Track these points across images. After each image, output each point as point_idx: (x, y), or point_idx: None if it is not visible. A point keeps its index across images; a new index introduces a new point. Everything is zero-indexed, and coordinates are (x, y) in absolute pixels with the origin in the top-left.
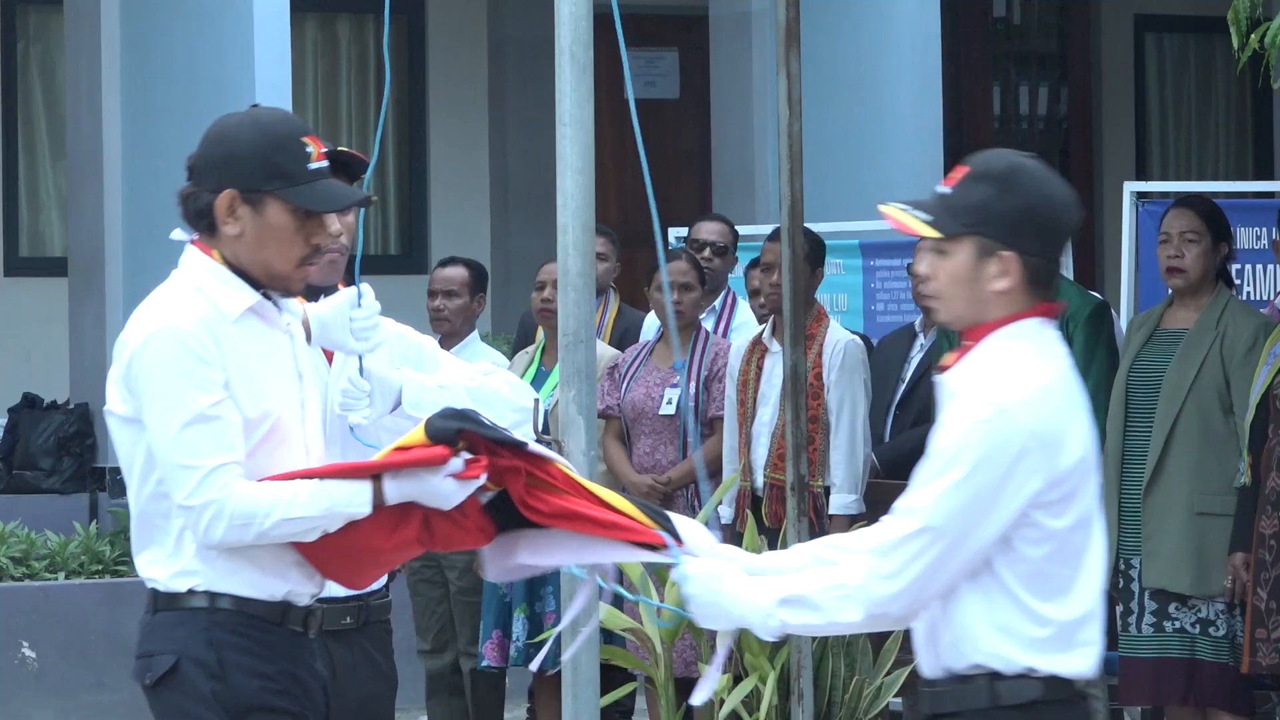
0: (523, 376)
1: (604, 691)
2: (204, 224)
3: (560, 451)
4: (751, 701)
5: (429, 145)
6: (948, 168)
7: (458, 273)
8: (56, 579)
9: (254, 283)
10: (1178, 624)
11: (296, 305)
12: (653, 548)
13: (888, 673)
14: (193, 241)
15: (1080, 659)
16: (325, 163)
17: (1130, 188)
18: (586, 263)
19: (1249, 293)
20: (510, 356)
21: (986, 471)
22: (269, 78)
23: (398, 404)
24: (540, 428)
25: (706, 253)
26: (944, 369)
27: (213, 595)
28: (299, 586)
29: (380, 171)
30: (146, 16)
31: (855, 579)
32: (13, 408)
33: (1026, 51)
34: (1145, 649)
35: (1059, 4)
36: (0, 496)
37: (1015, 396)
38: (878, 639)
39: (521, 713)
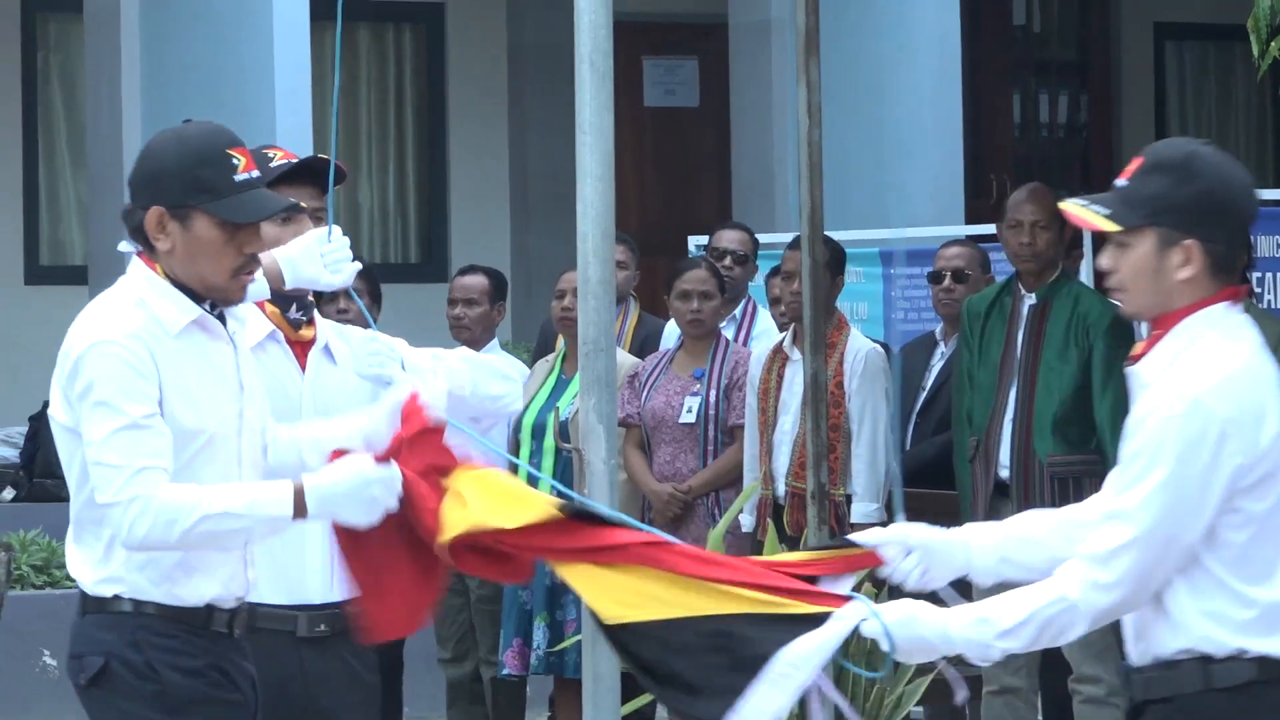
0: (542, 385)
1: (624, 700)
2: (141, 239)
3: (580, 460)
4: None
5: (449, 153)
6: (968, 176)
7: (478, 281)
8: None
9: (196, 295)
10: None
11: (243, 311)
12: (815, 616)
13: (909, 681)
14: (138, 254)
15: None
16: (254, 173)
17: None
18: (606, 271)
19: (1270, 300)
20: (530, 365)
21: (1189, 465)
22: (288, 86)
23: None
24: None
25: (727, 261)
26: (1135, 359)
27: (137, 602)
28: (224, 591)
29: (400, 180)
30: (166, 25)
31: (1074, 592)
32: (33, 416)
33: (1046, 59)
34: None
35: (1079, 11)
36: (21, 505)
37: (1206, 385)
38: None
39: None
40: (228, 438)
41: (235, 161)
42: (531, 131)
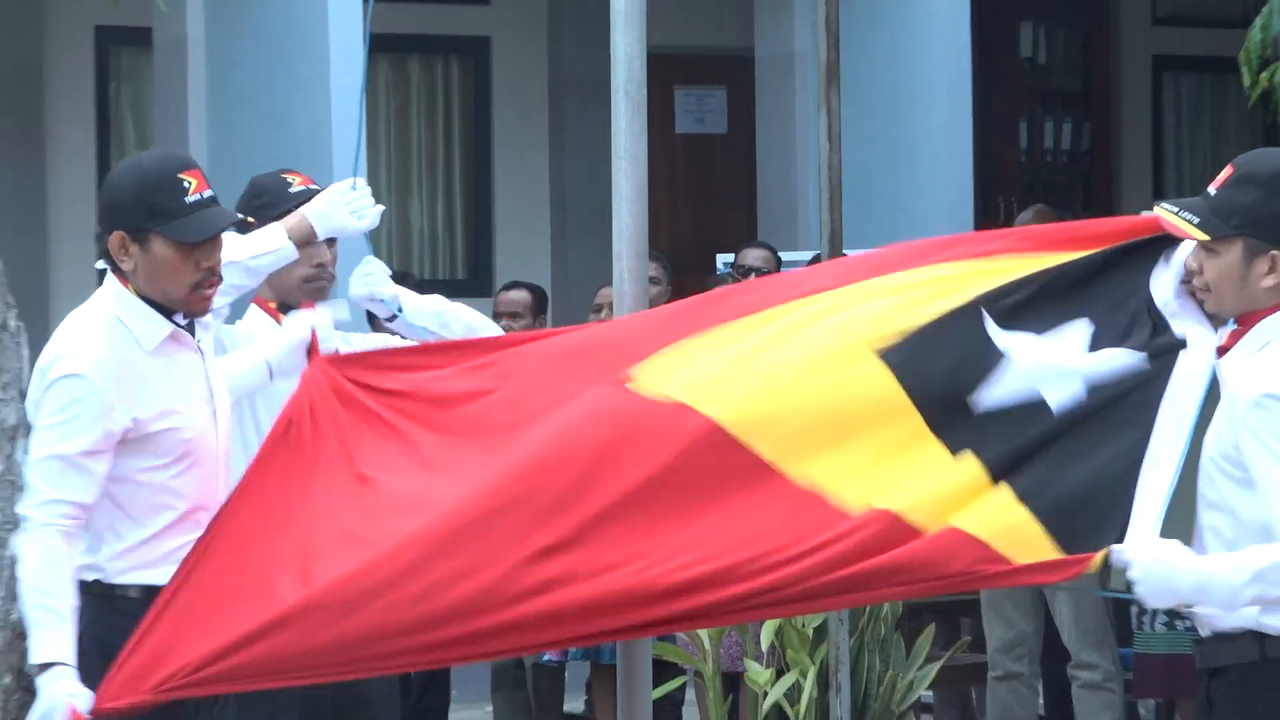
0: None
1: (656, 685)
2: (109, 261)
3: None
4: (793, 694)
5: (494, 176)
6: (978, 198)
7: (521, 296)
8: None
9: (166, 309)
10: (1188, 624)
11: (213, 319)
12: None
13: (920, 667)
14: (112, 271)
15: None
16: (206, 193)
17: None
18: (640, 286)
19: None
20: None
21: None
22: (344, 114)
23: (392, 317)
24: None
25: (752, 277)
26: (1223, 350)
27: (111, 586)
28: None
29: (448, 200)
30: (229, 58)
31: None
32: None
33: (1051, 89)
34: (1159, 646)
35: (1082, 44)
36: None
37: None
38: (910, 636)
39: (579, 704)
40: (206, 439)
41: (186, 184)
42: (570, 156)
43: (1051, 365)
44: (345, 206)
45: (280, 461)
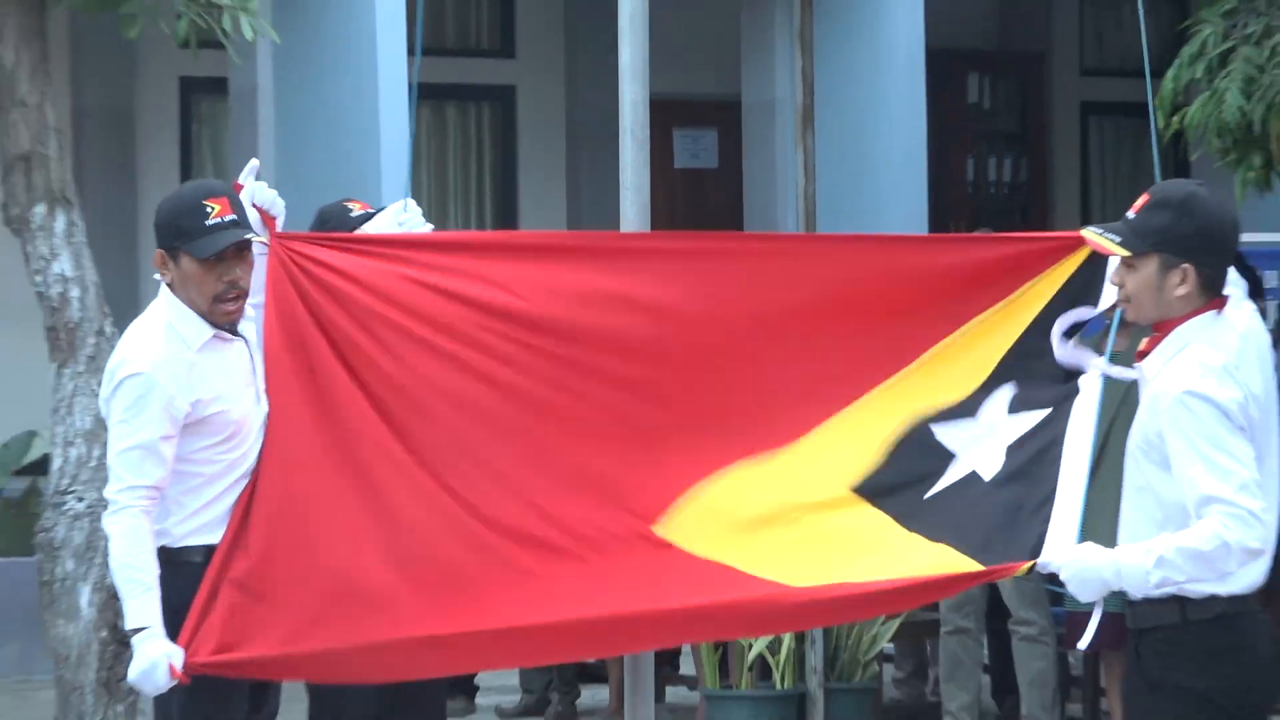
0: None
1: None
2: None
3: None
4: (774, 646)
5: (519, 206)
6: (931, 224)
7: None
8: None
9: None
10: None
11: (249, 316)
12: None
13: (882, 623)
14: (166, 283)
15: (1246, 581)
16: (228, 217)
17: None
18: None
19: None
20: None
21: (1221, 437)
22: (391, 152)
23: None
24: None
25: None
26: (1142, 355)
27: (176, 550)
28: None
29: (479, 226)
30: (294, 105)
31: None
32: None
33: (993, 130)
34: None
35: (1019, 92)
36: None
37: (1207, 383)
38: None
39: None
40: (249, 416)
41: (210, 209)
42: (585, 189)
43: (981, 439)
44: (400, 225)
45: (294, 403)
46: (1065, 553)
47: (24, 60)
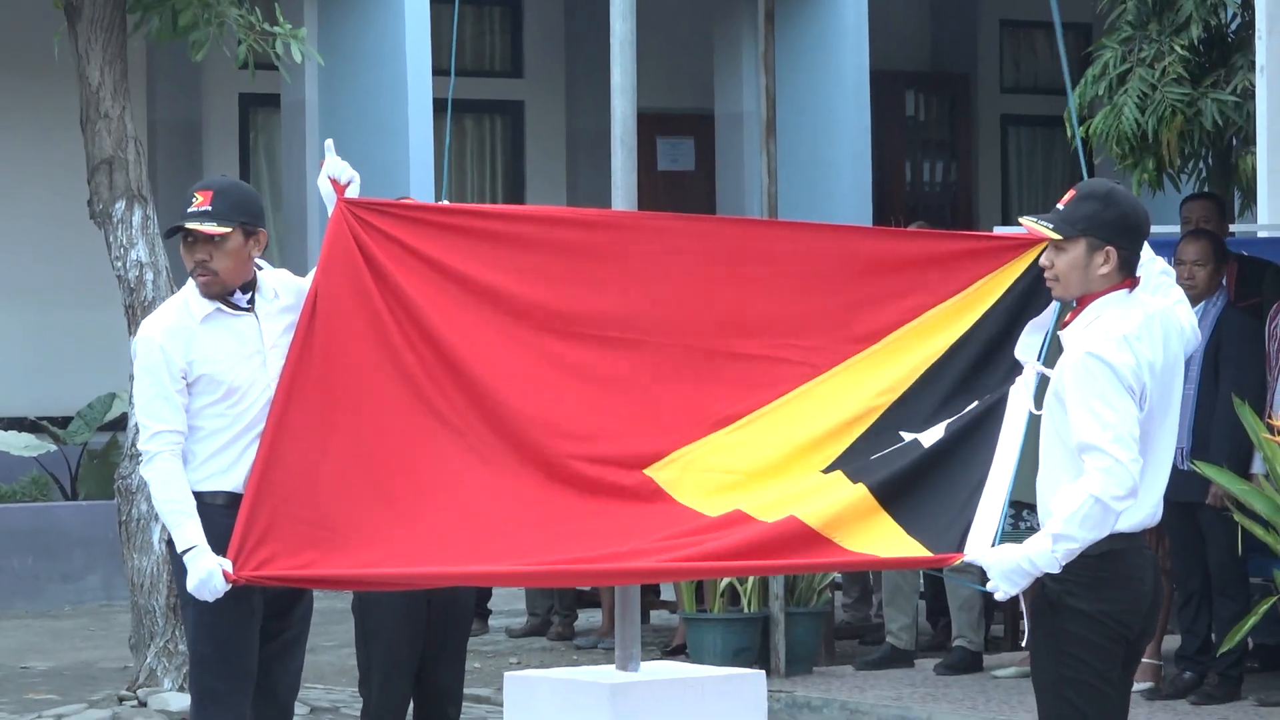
0: None
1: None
2: None
3: None
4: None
5: (527, 204)
6: (875, 216)
7: None
8: None
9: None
10: (1028, 524)
11: (272, 288)
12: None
13: None
14: None
15: (1130, 523)
16: (203, 207)
17: (998, 232)
18: None
19: None
20: None
21: (1109, 394)
22: (419, 160)
23: None
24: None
25: None
26: (1064, 325)
27: (199, 494)
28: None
29: None
30: (336, 117)
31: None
32: None
33: (928, 139)
34: (1007, 541)
35: (950, 107)
36: None
37: (1107, 347)
38: None
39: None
40: (253, 385)
41: (193, 200)
42: (582, 189)
43: (927, 417)
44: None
45: (353, 346)
46: (984, 556)
47: (108, 79)
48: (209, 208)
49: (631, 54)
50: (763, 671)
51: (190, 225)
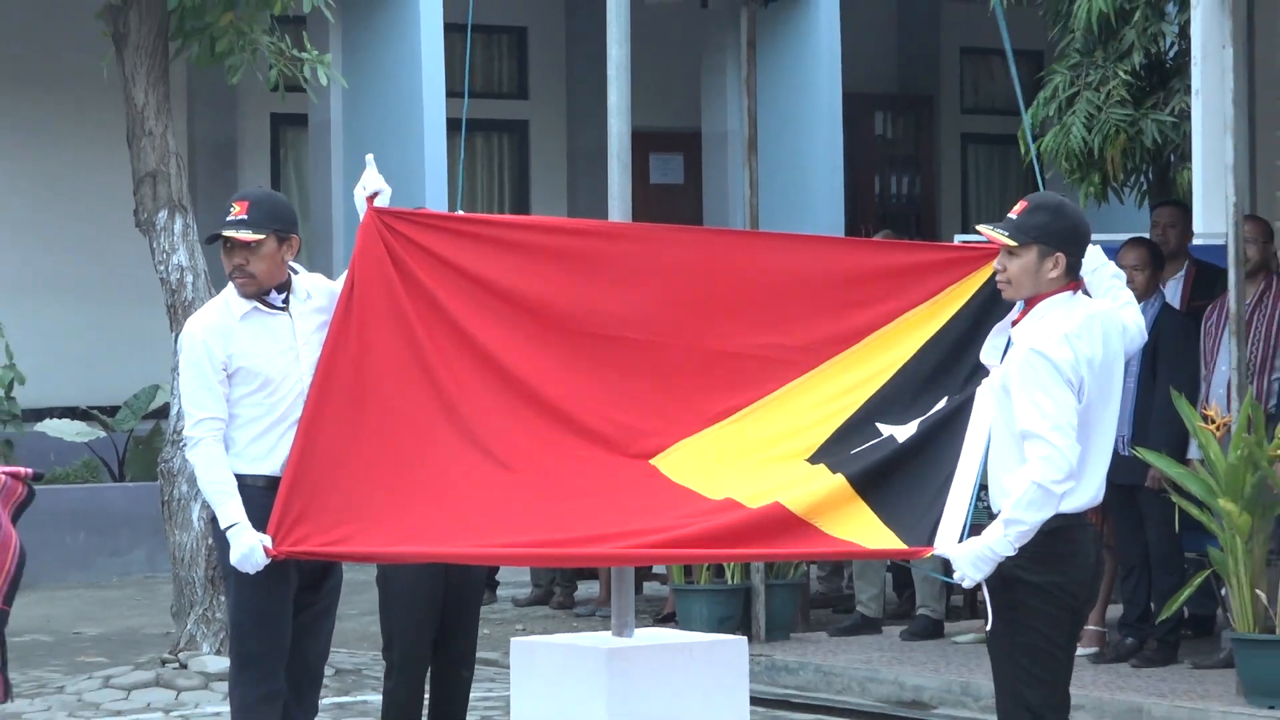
0: None
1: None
2: None
3: None
4: None
5: (530, 213)
6: (847, 225)
7: None
8: None
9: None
10: (984, 503)
11: (306, 290)
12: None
13: None
14: None
15: (1073, 504)
16: (240, 216)
17: (958, 239)
18: None
19: None
20: None
21: (1049, 386)
22: (434, 174)
23: None
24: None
25: None
26: (1015, 323)
27: (239, 477)
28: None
29: None
30: (358, 134)
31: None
32: None
33: (895, 155)
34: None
35: (915, 126)
36: None
37: (1049, 344)
38: None
39: None
40: (287, 377)
41: (231, 209)
42: (582, 200)
43: (901, 415)
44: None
45: (383, 343)
46: (950, 550)
47: (151, 100)
48: (245, 216)
49: (626, 78)
50: (745, 637)
51: (228, 233)
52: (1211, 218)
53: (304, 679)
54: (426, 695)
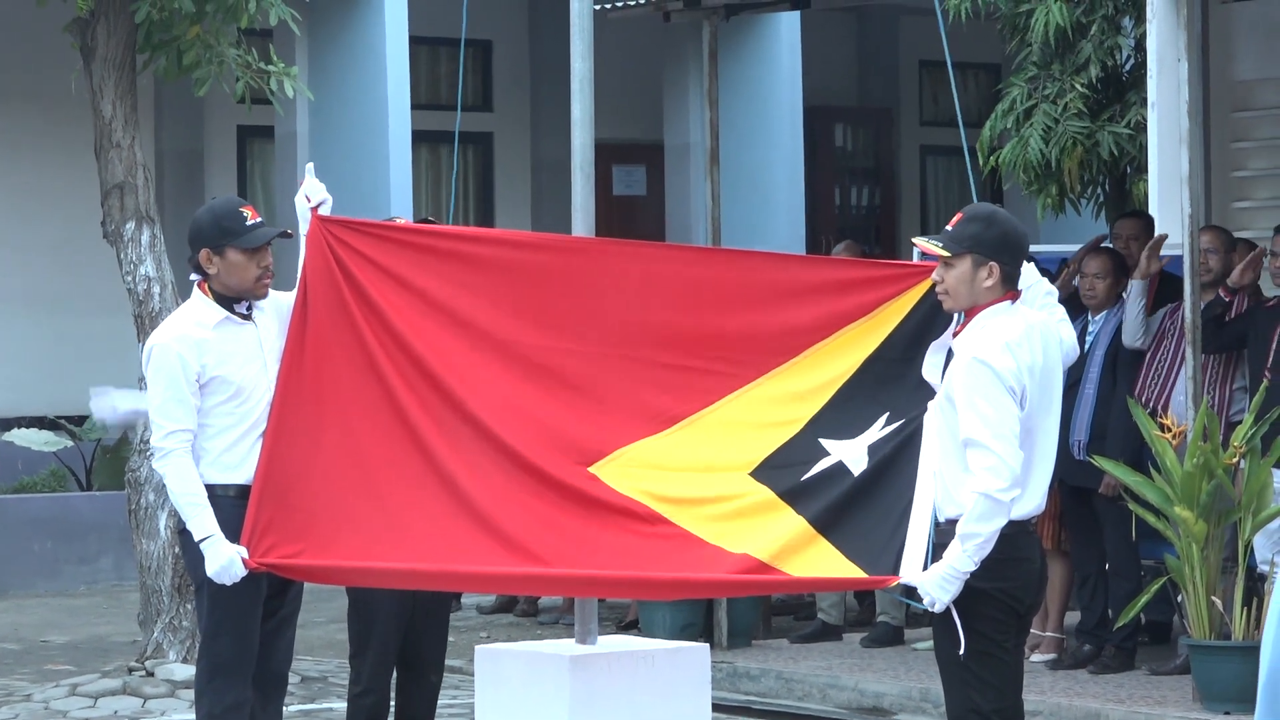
0: None
1: None
2: (199, 271)
3: None
4: None
5: (496, 227)
6: (808, 237)
7: None
8: None
9: (228, 302)
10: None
11: (269, 303)
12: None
13: None
14: (198, 282)
15: (1020, 511)
16: (259, 219)
17: (917, 250)
18: None
19: None
20: None
21: (992, 394)
22: (399, 184)
23: None
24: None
25: None
26: (955, 334)
27: (210, 486)
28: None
29: None
30: (325, 147)
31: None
32: None
33: (855, 166)
34: None
35: (874, 138)
36: None
37: (991, 352)
38: None
39: None
40: (256, 385)
41: (244, 214)
42: (546, 212)
43: (846, 436)
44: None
45: (310, 347)
46: (916, 577)
47: (119, 111)
48: (262, 219)
49: (590, 90)
50: (707, 645)
51: (281, 231)
52: (1167, 229)
53: (269, 684)
54: (393, 703)
